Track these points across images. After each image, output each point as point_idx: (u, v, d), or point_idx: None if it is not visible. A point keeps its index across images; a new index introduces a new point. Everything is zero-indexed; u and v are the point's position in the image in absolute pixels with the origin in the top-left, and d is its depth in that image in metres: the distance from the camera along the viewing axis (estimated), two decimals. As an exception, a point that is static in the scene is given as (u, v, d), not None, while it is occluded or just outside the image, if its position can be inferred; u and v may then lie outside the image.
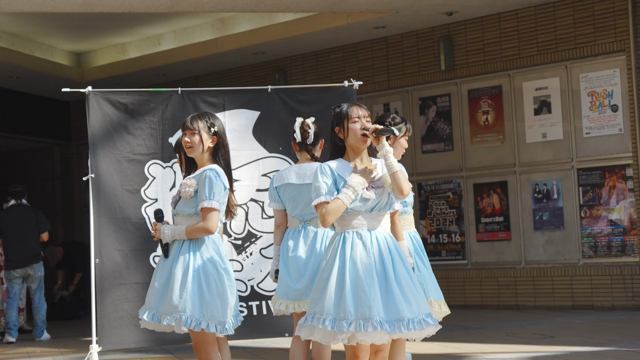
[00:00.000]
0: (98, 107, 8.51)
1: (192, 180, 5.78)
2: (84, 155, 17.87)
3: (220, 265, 5.74)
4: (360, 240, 5.23)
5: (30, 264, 12.76)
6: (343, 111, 5.40)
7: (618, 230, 12.70)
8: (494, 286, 13.76)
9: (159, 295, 5.75)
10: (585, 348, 9.17)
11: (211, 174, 5.70)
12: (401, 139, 6.52)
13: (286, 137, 8.20)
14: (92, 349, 8.29)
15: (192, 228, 5.72)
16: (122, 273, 8.40)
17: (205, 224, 5.68)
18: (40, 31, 15.25)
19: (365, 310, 5.06)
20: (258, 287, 8.62)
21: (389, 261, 5.22)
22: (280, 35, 14.52)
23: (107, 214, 8.44)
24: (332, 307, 5.11)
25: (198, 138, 5.83)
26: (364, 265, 5.17)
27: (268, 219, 8.62)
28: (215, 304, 5.65)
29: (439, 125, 14.48)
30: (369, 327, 5.03)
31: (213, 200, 5.66)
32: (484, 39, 13.89)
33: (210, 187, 5.67)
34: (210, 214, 5.67)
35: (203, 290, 5.64)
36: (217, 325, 5.66)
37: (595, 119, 12.90)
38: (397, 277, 5.19)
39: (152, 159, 8.58)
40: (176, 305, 5.61)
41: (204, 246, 5.74)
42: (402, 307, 5.10)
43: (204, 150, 5.84)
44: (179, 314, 5.59)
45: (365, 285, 5.11)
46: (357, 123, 5.35)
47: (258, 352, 10.19)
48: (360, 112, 5.38)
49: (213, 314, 5.64)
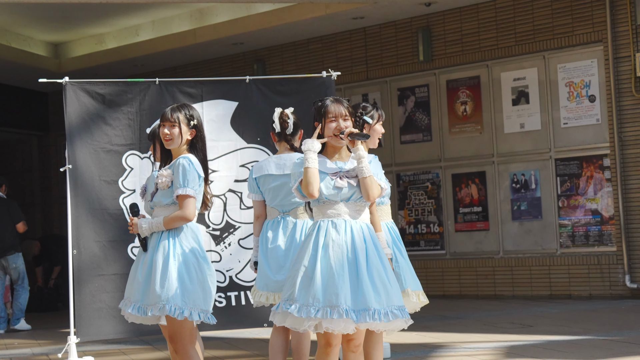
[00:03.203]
0: (75, 97, 8.47)
1: (168, 170, 5.76)
2: (61, 146, 17.78)
3: (199, 253, 5.73)
4: (335, 229, 5.25)
5: (4, 255, 12.75)
6: (322, 108, 5.39)
7: (595, 220, 12.76)
8: (472, 276, 13.80)
9: (142, 288, 5.72)
10: (563, 337, 9.21)
11: (184, 162, 5.68)
12: (376, 125, 6.51)
13: (264, 127, 8.18)
14: (70, 340, 8.27)
15: (169, 218, 5.70)
16: (100, 264, 8.37)
17: (182, 211, 5.67)
18: (17, 22, 15.15)
19: (332, 297, 5.07)
20: (237, 277, 8.61)
21: (362, 251, 5.23)
22: (258, 26, 14.49)
23: (85, 205, 8.40)
24: (302, 293, 5.13)
25: (177, 130, 5.79)
26: (336, 253, 5.18)
27: (246, 210, 8.61)
28: (197, 292, 5.63)
29: (418, 115, 14.49)
30: (335, 314, 5.04)
31: (187, 187, 5.64)
32: (462, 29, 13.91)
33: (184, 174, 5.65)
34: (186, 200, 5.65)
35: (184, 279, 5.62)
36: (200, 314, 5.65)
37: (572, 110, 12.95)
38: (369, 267, 5.20)
39: (129, 149, 8.55)
40: (159, 295, 5.59)
41: (183, 234, 5.72)
42: (369, 297, 5.11)
43: (182, 143, 5.82)
44: (162, 303, 5.57)
45: (335, 273, 5.12)
46: (334, 122, 5.34)
47: (236, 342, 10.18)
48: (339, 110, 5.36)
49: (195, 302, 5.62)
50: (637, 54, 12.25)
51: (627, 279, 12.32)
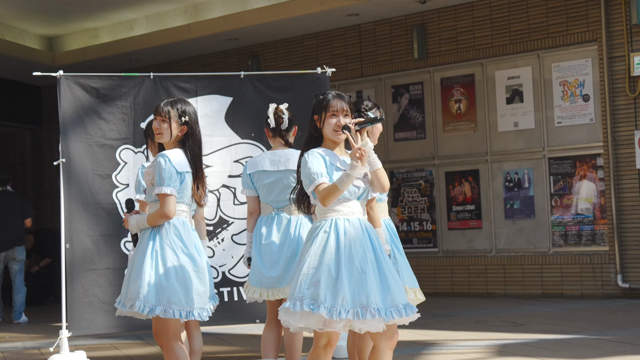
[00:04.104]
0: (69, 91, 8.46)
1: (151, 168, 5.75)
2: (55, 140, 17.77)
3: (182, 250, 5.70)
4: (352, 228, 5.19)
5: (13, 246, 13.21)
6: (324, 102, 5.33)
7: (588, 219, 12.77)
8: (464, 274, 13.82)
9: (126, 283, 5.79)
10: (555, 336, 9.22)
11: (161, 160, 5.65)
12: None
13: (259, 123, 8.17)
14: (62, 335, 8.26)
15: (151, 215, 5.71)
16: (93, 258, 8.36)
17: (161, 210, 5.66)
18: (11, 15, 15.12)
19: (363, 298, 5.02)
20: (229, 273, 8.61)
21: (378, 248, 5.21)
22: (253, 22, 14.47)
23: (78, 199, 8.39)
24: (329, 294, 5.03)
25: (167, 125, 5.77)
26: (358, 253, 5.12)
27: (240, 205, 8.61)
28: (174, 289, 5.60)
29: (412, 113, 14.50)
30: (368, 315, 5.00)
31: (163, 185, 5.62)
32: (457, 27, 13.91)
33: (160, 173, 5.63)
34: (164, 199, 5.64)
35: (159, 276, 5.60)
36: (180, 312, 5.62)
37: (566, 109, 12.96)
38: (387, 263, 5.19)
39: (123, 144, 8.54)
40: (132, 292, 5.62)
41: (164, 231, 5.70)
42: (397, 294, 5.09)
43: (171, 138, 5.79)
44: (133, 301, 5.60)
45: (362, 273, 5.07)
46: (334, 118, 5.29)
47: (229, 338, 10.18)
48: (340, 105, 5.30)
49: (171, 299, 5.59)
50: (632, 53, 12.26)
51: (619, 279, 12.33)
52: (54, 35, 16.60)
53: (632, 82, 12.35)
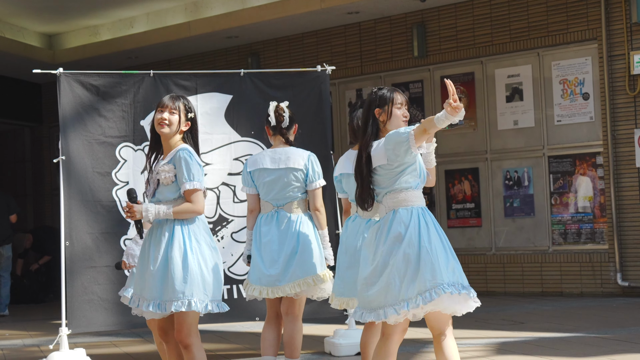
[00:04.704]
0: (69, 89, 8.45)
1: (169, 165, 5.68)
2: (54, 137, 17.76)
3: (212, 245, 5.75)
4: (428, 214, 5.42)
5: (2, 244, 13.40)
6: (388, 94, 5.47)
7: (587, 217, 12.78)
8: (464, 272, 13.77)
9: (160, 284, 5.61)
10: (554, 334, 9.23)
11: (185, 155, 5.63)
12: None
13: (258, 121, 8.18)
14: (61, 332, 8.25)
15: (180, 208, 5.63)
16: (93, 256, 8.36)
17: (193, 206, 5.63)
18: (11, 12, 15.11)
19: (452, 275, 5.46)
20: (229, 270, 8.60)
21: None
22: (253, 20, 14.46)
23: (78, 196, 8.38)
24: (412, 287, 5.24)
25: (177, 118, 5.76)
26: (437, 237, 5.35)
27: (239, 203, 8.61)
28: (215, 284, 5.66)
29: (412, 111, 14.49)
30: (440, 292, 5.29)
31: (194, 181, 5.62)
32: (457, 25, 13.91)
33: (188, 168, 5.61)
34: (194, 195, 5.63)
35: (204, 272, 5.61)
36: (218, 305, 5.67)
37: (566, 107, 12.96)
38: None
39: (123, 141, 8.53)
40: (182, 291, 5.53)
41: (196, 227, 5.68)
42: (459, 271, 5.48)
43: (176, 132, 5.78)
44: (186, 299, 5.51)
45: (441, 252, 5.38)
46: (401, 109, 5.49)
47: (228, 336, 10.18)
48: (403, 97, 5.53)
49: (215, 295, 5.65)
50: (632, 52, 12.26)
51: (619, 277, 12.34)
52: (54, 32, 16.60)
53: (632, 81, 12.35)
